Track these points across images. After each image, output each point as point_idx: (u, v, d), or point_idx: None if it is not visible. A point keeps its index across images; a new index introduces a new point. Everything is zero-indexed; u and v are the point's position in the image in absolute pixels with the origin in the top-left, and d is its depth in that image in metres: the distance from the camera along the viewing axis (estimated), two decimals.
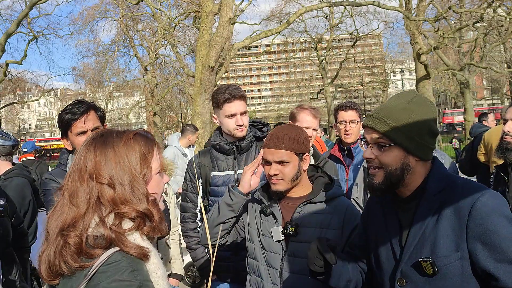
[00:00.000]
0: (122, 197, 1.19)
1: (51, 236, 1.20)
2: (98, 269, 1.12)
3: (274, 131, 1.99)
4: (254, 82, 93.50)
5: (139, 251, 1.18)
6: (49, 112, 57.51)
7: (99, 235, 1.16)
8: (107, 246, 1.16)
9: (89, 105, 2.32)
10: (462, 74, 22.10)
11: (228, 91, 2.56)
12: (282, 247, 1.97)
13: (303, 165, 1.98)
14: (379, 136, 1.49)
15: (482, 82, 56.31)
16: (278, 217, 1.99)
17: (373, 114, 1.54)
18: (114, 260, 1.13)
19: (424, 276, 1.44)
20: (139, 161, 1.24)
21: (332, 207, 1.97)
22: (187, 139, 6.28)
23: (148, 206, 1.22)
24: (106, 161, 1.21)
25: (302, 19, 27.68)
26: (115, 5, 24.08)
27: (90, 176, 1.20)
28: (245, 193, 2.01)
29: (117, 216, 1.19)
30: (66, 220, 1.18)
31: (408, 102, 1.52)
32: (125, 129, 1.31)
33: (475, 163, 4.69)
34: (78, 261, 1.13)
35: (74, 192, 1.20)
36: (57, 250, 1.16)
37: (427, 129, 1.50)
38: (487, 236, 1.35)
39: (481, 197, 1.39)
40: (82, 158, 1.23)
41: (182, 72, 23.16)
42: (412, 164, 1.49)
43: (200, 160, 2.72)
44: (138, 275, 1.14)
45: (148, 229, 1.22)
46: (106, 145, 1.23)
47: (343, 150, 3.54)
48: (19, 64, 20.82)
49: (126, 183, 1.20)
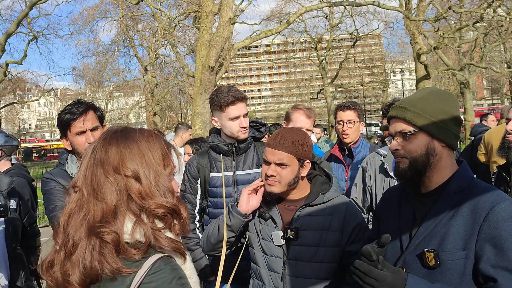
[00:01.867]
0: (149, 191, 1.14)
1: (78, 239, 1.11)
2: (143, 280, 1.05)
3: (280, 132, 1.96)
4: (254, 82, 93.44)
5: (176, 247, 1.13)
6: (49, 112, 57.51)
7: (136, 242, 1.10)
8: (147, 247, 1.10)
9: (88, 105, 2.33)
10: (462, 74, 22.08)
11: (231, 93, 2.55)
12: (283, 251, 1.94)
13: (302, 171, 1.95)
14: (404, 126, 1.53)
15: (482, 82, 56.30)
16: (278, 221, 1.97)
17: (396, 104, 1.59)
18: (159, 268, 1.07)
19: (425, 267, 1.45)
20: (161, 158, 1.20)
21: (331, 208, 1.95)
22: (180, 137, 6.25)
23: (175, 202, 1.18)
24: (130, 154, 1.16)
25: (302, 19, 27.66)
26: (115, 5, 24.07)
27: (114, 169, 1.14)
28: (244, 213, 1.96)
29: (149, 214, 1.14)
30: (95, 217, 1.11)
31: (428, 93, 1.58)
32: (145, 128, 1.28)
33: (474, 163, 4.69)
34: (118, 263, 1.06)
35: (99, 187, 1.13)
36: (94, 251, 1.08)
37: (449, 114, 1.53)
38: (499, 240, 1.35)
39: (502, 202, 1.40)
40: (103, 151, 1.17)
41: (182, 72, 23.15)
42: (437, 149, 1.52)
43: (198, 161, 2.71)
44: (184, 282, 1.10)
45: (180, 228, 1.18)
46: (128, 139, 1.19)
47: (343, 150, 3.55)
48: (19, 64, 20.79)
49: (152, 178, 1.16)
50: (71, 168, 2.32)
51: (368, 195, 3.09)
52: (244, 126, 2.58)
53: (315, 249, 1.90)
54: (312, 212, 1.94)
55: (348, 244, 1.89)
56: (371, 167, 3.07)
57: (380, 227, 1.71)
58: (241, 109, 2.57)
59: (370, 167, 3.08)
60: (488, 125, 5.85)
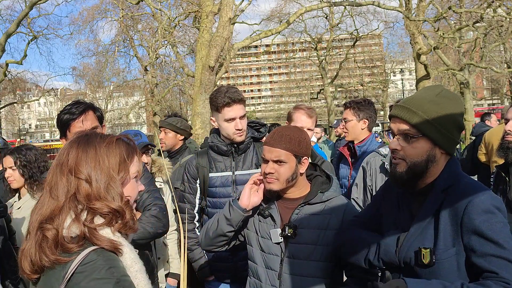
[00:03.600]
0: (97, 194, 1.25)
1: (32, 230, 1.26)
2: (76, 269, 1.17)
3: (277, 130, 1.98)
4: (254, 82, 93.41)
5: (110, 244, 1.24)
6: (49, 112, 57.47)
7: (74, 236, 1.22)
8: (82, 241, 1.22)
9: (88, 105, 2.34)
10: (462, 74, 22.08)
11: (228, 95, 2.52)
12: (281, 249, 1.95)
13: (300, 168, 1.95)
14: (408, 127, 1.50)
15: (482, 82, 56.30)
16: (277, 218, 1.98)
17: (402, 104, 1.54)
18: (90, 259, 1.19)
19: (419, 266, 1.46)
20: (118, 163, 1.31)
21: (330, 208, 1.96)
22: None
23: (121, 205, 1.28)
24: (86, 158, 1.27)
25: (302, 19, 27.64)
26: (115, 5, 24.05)
27: (70, 170, 1.26)
28: (244, 207, 1.96)
29: (90, 212, 1.25)
30: (45, 214, 1.24)
31: (437, 95, 1.53)
32: (110, 134, 1.39)
33: (475, 162, 4.69)
34: (55, 254, 1.20)
35: (55, 185, 1.27)
36: (37, 243, 1.22)
37: (455, 123, 1.51)
38: (480, 231, 1.37)
39: (480, 195, 1.41)
40: (64, 153, 1.30)
41: (182, 72, 23.14)
42: (437, 156, 1.51)
43: (197, 161, 2.71)
44: (115, 272, 1.19)
45: (119, 226, 1.28)
46: (88, 144, 1.30)
47: (350, 149, 3.57)
48: (19, 64, 20.79)
49: (102, 181, 1.27)
50: None
51: (368, 195, 3.09)
52: (240, 129, 2.55)
53: (312, 247, 1.91)
54: (311, 211, 1.95)
55: None
56: (371, 167, 3.07)
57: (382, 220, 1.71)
58: (237, 111, 2.54)
59: (370, 167, 3.08)
60: (491, 125, 5.83)
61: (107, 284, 1.16)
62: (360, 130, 3.44)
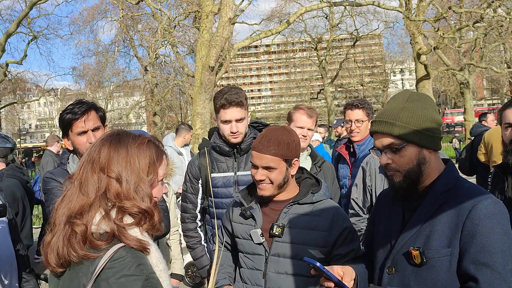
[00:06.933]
0: (127, 193, 1.27)
1: (59, 224, 1.27)
2: (105, 265, 1.19)
3: (264, 133, 1.93)
4: (254, 82, 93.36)
5: (139, 244, 1.25)
6: (49, 112, 57.36)
7: (102, 232, 1.24)
8: (110, 239, 1.23)
9: (90, 105, 2.33)
10: (462, 74, 22.09)
11: (226, 96, 2.51)
12: (264, 248, 1.94)
13: (290, 170, 1.94)
14: (391, 140, 1.53)
15: (482, 82, 56.28)
16: (258, 219, 1.97)
17: (379, 119, 1.57)
18: (120, 256, 1.21)
19: (412, 265, 1.49)
20: (147, 165, 1.32)
21: (319, 209, 1.94)
22: (183, 138, 6.35)
23: (151, 206, 1.30)
24: (118, 158, 1.29)
25: (302, 19, 27.68)
26: (115, 5, 24.05)
27: (101, 168, 1.28)
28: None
29: (120, 211, 1.27)
30: (74, 209, 1.25)
31: (407, 101, 1.57)
32: (141, 134, 1.40)
33: (474, 162, 4.71)
34: (84, 249, 1.21)
35: (85, 182, 1.28)
36: (65, 238, 1.23)
37: (432, 120, 1.55)
38: (480, 237, 1.39)
39: (484, 200, 1.43)
40: (96, 151, 1.31)
41: (182, 72, 23.15)
42: (427, 156, 1.54)
43: (200, 161, 2.72)
44: (144, 269, 1.21)
45: (148, 226, 1.30)
46: (120, 144, 1.32)
47: (349, 148, 3.57)
48: (19, 64, 20.83)
49: (132, 182, 1.28)
50: (72, 168, 2.32)
51: (368, 195, 3.09)
52: (234, 132, 2.54)
53: (300, 247, 1.89)
54: (300, 211, 1.94)
55: (336, 247, 1.89)
56: (371, 167, 3.07)
57: (375, 230, 1.75)
58: (233, 113, 2.52)
59: (370, 167, 3.08)
60: (488, 125, 5.84)
61: (136, 281, 1.18)
62: (367, 130, 3.47)
